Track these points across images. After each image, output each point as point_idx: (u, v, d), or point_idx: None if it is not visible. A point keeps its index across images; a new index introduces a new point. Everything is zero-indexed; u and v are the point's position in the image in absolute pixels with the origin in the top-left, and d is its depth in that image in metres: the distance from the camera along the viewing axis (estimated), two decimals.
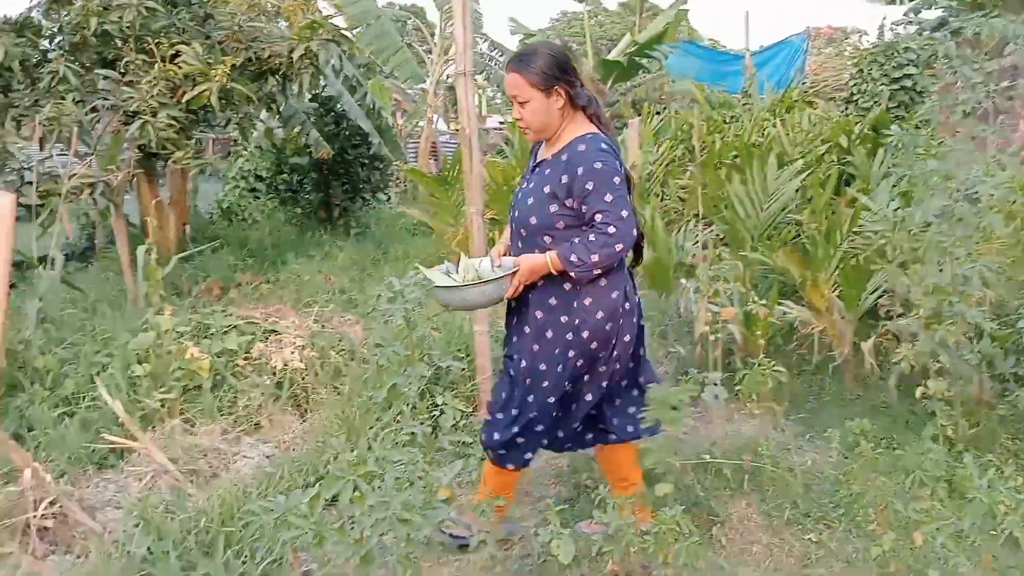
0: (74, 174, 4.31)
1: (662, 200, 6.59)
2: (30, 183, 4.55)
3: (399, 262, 7.57)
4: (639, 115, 8.67)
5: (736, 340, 4.09)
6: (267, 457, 3.51)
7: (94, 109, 4.85)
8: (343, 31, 5.80)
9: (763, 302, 3.98)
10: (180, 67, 4.81)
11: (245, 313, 4.59)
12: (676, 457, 2.32)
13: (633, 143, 7.29)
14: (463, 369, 3.98)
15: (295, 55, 5.21)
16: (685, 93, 11.90)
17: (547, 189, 2.50)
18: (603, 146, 2.48)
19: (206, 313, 4.47)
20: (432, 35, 15.45)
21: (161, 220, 6.91)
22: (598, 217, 2.39)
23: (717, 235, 4.95)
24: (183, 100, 4.87)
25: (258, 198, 9.99)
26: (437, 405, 3.28)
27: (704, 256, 4.83)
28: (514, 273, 2.49)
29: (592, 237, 2.38)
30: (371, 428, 3.54)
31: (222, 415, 3.76)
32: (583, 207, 2.42)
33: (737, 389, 3.36)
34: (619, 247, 2.37)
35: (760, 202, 5.22)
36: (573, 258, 2.39)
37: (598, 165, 2.41)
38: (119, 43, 4.98)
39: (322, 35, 5.36)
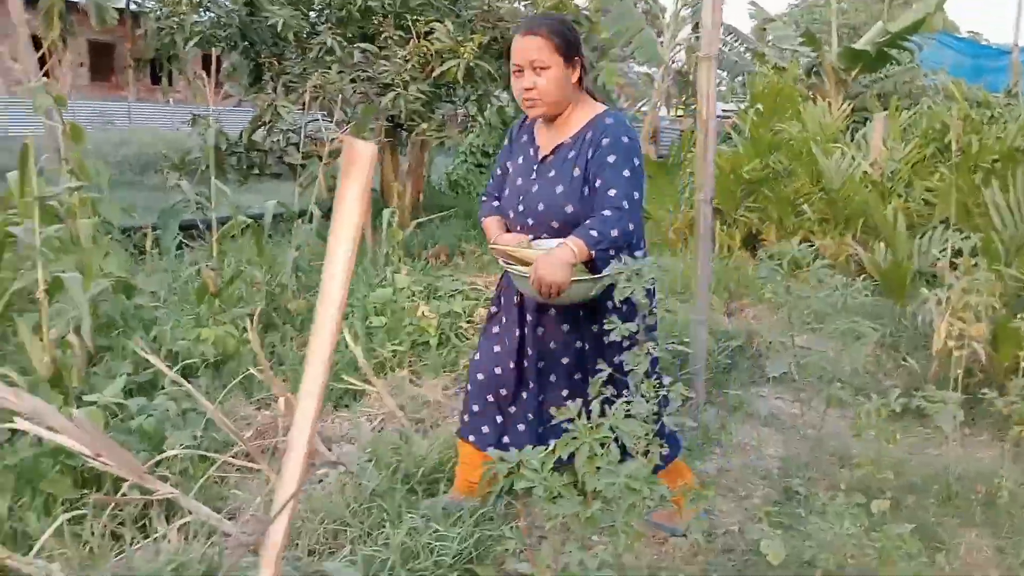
0: (334, 139, 4.74)
1: (905, 201, 6.12)
2: (295, 144, 5.05)
3: None
4: (885, 109, 8.08)
5: (980, 360, 3.75)
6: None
7: (353, 80, 5.29)
8: (584, 12, 5.89)
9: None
10: (432, 43, 5.12)
11: (470, 279, 4.86)
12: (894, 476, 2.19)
13: (876, 138, 6.83)
14: (674, 358, 3.97)
15: None
16: (939, 89, 10.92)
17: (576, 172, 2.31)
18: (629, 123, 2.36)
19: (436, 276, 4.78)
20: (662, 17, 15.24)
21: (401, 189, 7.44)
22: (612, 192, 2.20)
23: (972, 244, 4.52)
24: (432, 75, 5.19)
25: (483, 172, 10.44)
26: (663, 385, 3.27)
27: (949, 265, 4.45)
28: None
29: (607, 212, 2.18)
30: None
31: (444, 371, 4.01)
32: (596, 180, 2.24)
33: (973, 413, 3.09)
34: (631, 226, 2.19)
35: (1022, 213, 4.72)
36: (593, 232, 2.14)
37: (626, 140, 2.28)
38: (379, 19, 5.38)
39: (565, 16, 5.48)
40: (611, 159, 2.23)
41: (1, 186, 4.29)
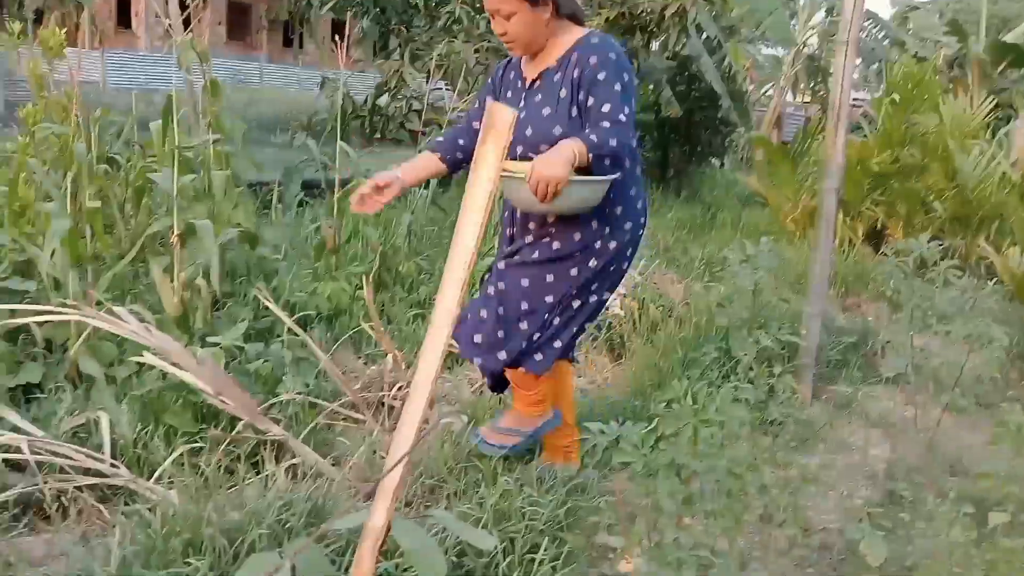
0: (455, 108, 4.81)
1: None
2: (417, 112, 5.14)
3: (726, 229, 7.45)
4: None
5: None
6: (581, 391, 3.72)
7: (476, 50, 5.33)
8: None
9: None
10: None
11: None
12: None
13: (1020, 138, 6.39)
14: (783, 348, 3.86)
15: (667, 12, 5.26)
16: None
17: (563, 93, 2.27)
18: (613, 41, 2.30)
19: None
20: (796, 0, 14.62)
21: None
22: (606, 107, 2.16)
23: None
24: None
25: None
26: (774, 375, 3.20)
27: None
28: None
29: (605, 124, 2.14)
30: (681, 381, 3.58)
31: None
32: (588, 99, 2.20)
33: None
34: (628, 139, 2.16)
35: None
36: (593, 138, 2.09)
37: (612, 56, 2.23)
38: None
39: None
40: (601, 76, 2.20)
41: (142, 135, 4.56)
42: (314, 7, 5.53)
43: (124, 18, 27.13)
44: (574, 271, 2.39)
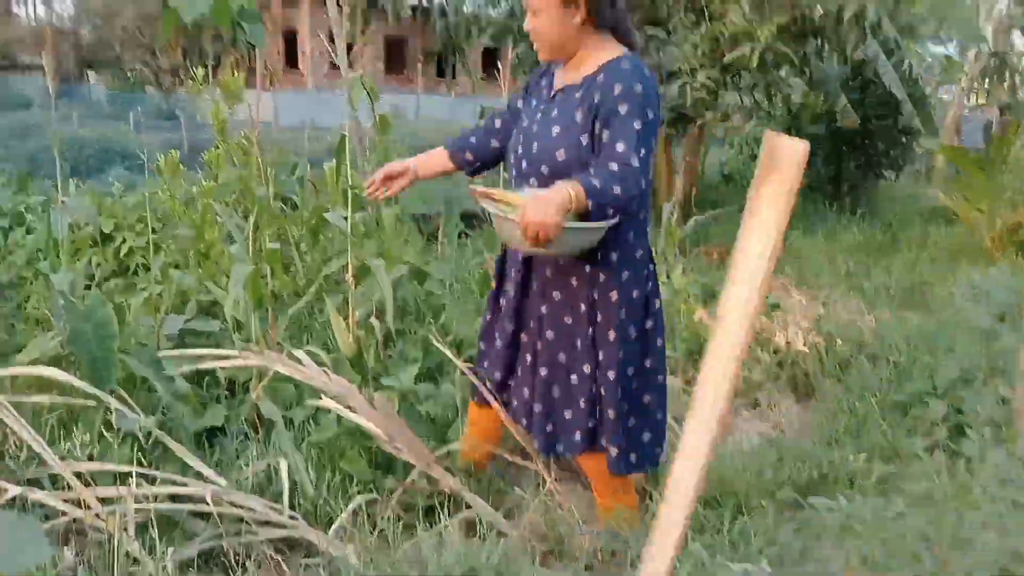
0: None
1: None
2: None
3: (910, 250, 6.82)
4: None
5: None
6: (760, 434, 3.42)
7: None
8: None
9: None
10: (727, 27, 4.83)
11: None
12: None
13: None
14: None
15: (845, 14, 4.87)
16: None
17: (578, 116, 2.06)
18: (648, 72, 2.06)
19: (715, 279, 4.51)
20: None
21: (671, 181, 7.21)
22: (620, 147, 1.94)
23: None
24: (722, 60, 4.90)
25: None
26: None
27: None
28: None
29: (614, 167, 1.92)
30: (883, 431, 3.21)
31: None
32: (603, 132, 1.99)
33: None
34: (638, 187, 1.92)
35: None
36: (595, 182, 1.87)
37: (639, 88, 1.99)
38: (670, 1, 5.18)
39: None
40: (622, 109, 1.98)
41: (315, 173, 4.67)
42: (472, 36, 5.53)
43: (291, 58, 28.94)
44: (590, 330, 2.22)
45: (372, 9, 25.00)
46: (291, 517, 2.27)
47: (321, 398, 2.51)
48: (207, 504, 2.12)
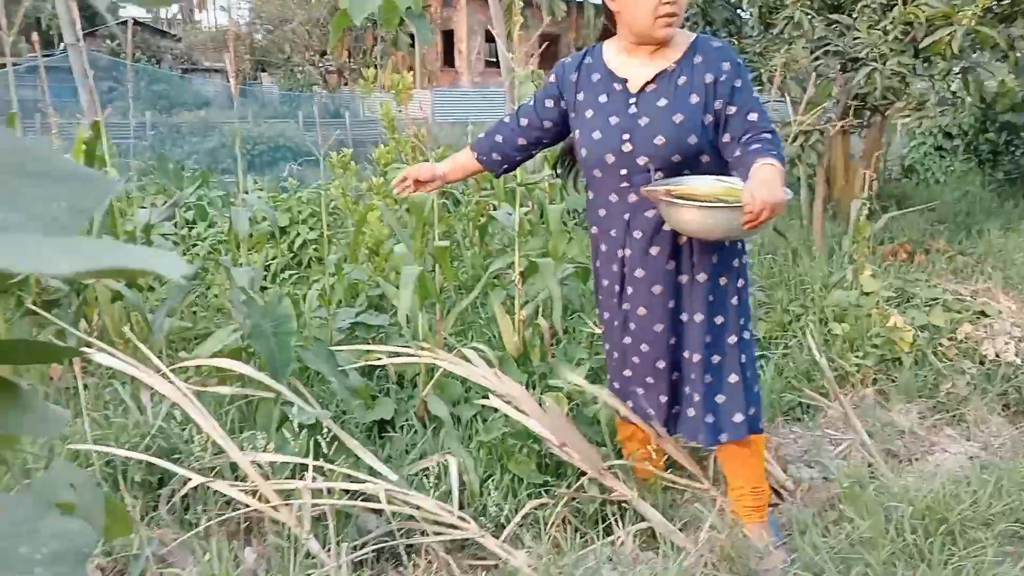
0: (798, 122, 4.32)
1: None
2: None
3: None
4: None
5: None
6: (970, 458, 3.05)
7: (816, 57, 4.78)
8: None
9: None
10: (921, 10, 4.39)
11: (952, 287, 4.10)
12: None
13: None
14: None
15: None
16: None
17: (695, 99, 2.06)
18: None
19: (909, 280, 4.12)
20: None
21: (848, 174, 6.70)
22: (753, 116, 2.03)
23: None
24: (917, 46, 4.46)
25: (943, 157, 9.05)
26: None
27: None
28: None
29: (767, 135, 2.00)
30: None
31: (920, 396, 3.40)
32: (728, 108, 2.04)
33: None
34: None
35: None
36: (775, 152, 1.95)
37: (739, 61, 2.10)
38: None
39: None
40: (738, 83, 2.06)
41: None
42: None
43: (448, 57, 29.67)
44: (734, 300, 2.20)
45: (528, 7, 25.17)
46: (461, 518, 2.20)
47: (488, 397, 2.44)
48: (380, 501, 2.09)
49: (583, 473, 2.39)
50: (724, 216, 1.89)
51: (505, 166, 2.46)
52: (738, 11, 5.61)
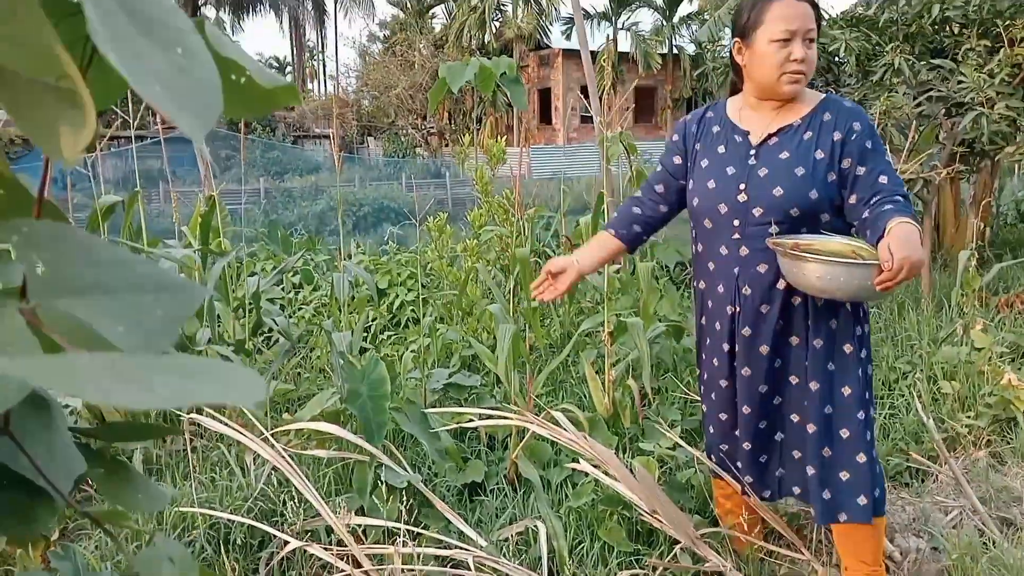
0: (901, 170, 4.19)
1: None
2: None
3: None
4: None
5: None
6: None
7: (919, 103, 4.65)
8: None
9: None
10: None
11: None
12: None
13: None
14: None
15: None
16: None
17: (819, 155, 2.01)
18: None
19: (1020, 332, 3.89)
20: None
21: (959, 223, 6.42)
22: (884, 179, 1.96)
23: None
24: None
25: None
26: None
27: None
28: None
29: (899, 197, 1.92)
30: None
31: None
32: (857, 168, 1.99)
33: None
34: None
35: None
36: (909, 212, 1.86)
37: (871, 123, 2.05)
38: (958, 29, 4.65)
39: None
40: (869, 144, 2.00)
41: (568, 225, 4.70)
42: (727, 80, 5.33)
43: (544, 114, 30.21)
44: (859, 371, 2.08)
45: (623, 62, 25.48)
46: None
47: (578, 460, 2.44)
48: (469, 568, 2.11)
49: (676, 542, 2.35)
50: (859, 273, 1.81)
51: (644, 237, 2.39)
52: (835, 58, 5.53)
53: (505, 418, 2.53)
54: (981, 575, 2.20)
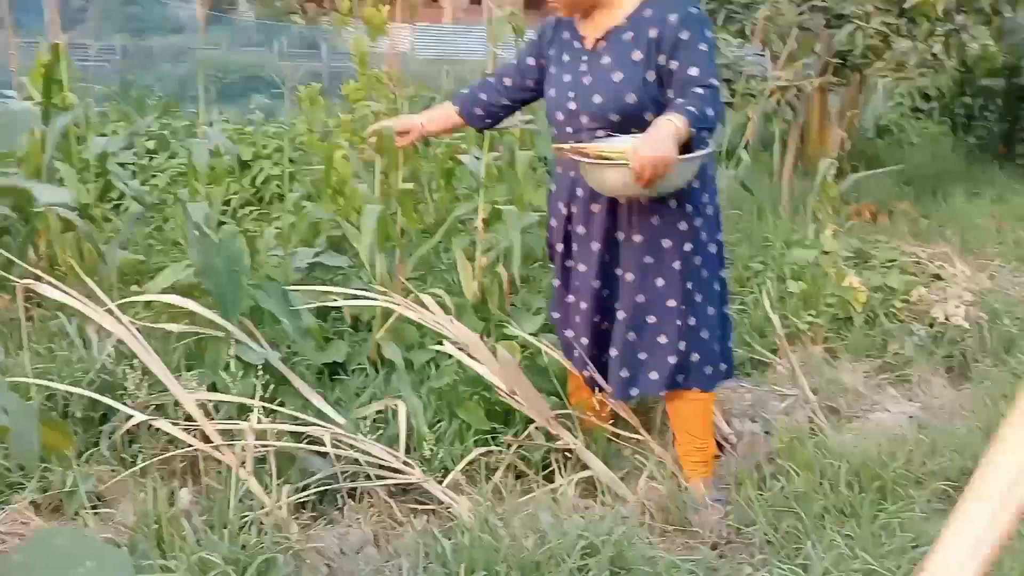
0: (776, 76, 4.29)
1: None
2: (728, 80, 4.68)
3: None
4: None
5: None
6: (910, 417, 3.13)
7: (802, 12, 4.73)
8: None
9: None
10: None
11: (909, 249, 4.15)
12: None
13: None
14: None
15: None
16: None
17: (636, 56, 2.02)
18: None
19: (869, 241, 4.16)
20: None
21: (823, 132, 6.69)
22: (693, 71, 1.94)
23: None
24: (904, 5, 4.42)
25: (919, 119, 9.07)
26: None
27: None
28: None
29: (699, 90, 1.92)
30: None
31: (867, 355, 3.46)
32: (670, 63, 1.98)
33: None
34: (721, 108, 1.97)
35: None
36: (691, 108, 1.86)
37: (694, 11, 2.00)
38: None
39: None
40: (684, 35, 1.97)
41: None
42: None
43: None
44: (676, 264, 2.15)
45: None
46: (406, 463, 2.23)
47: (443, 343, 2.45)
48: (325, 444, 2.11)
49: (531, 422, 2.43)
50: (614, 174, 1.91)
51: (488, 121, 2.49)
52: None
53: (372, 299, 2.49)
54: (805, 457, 2.39)
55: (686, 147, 1.91)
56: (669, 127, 1.84)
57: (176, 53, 13.53)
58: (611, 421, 2.52)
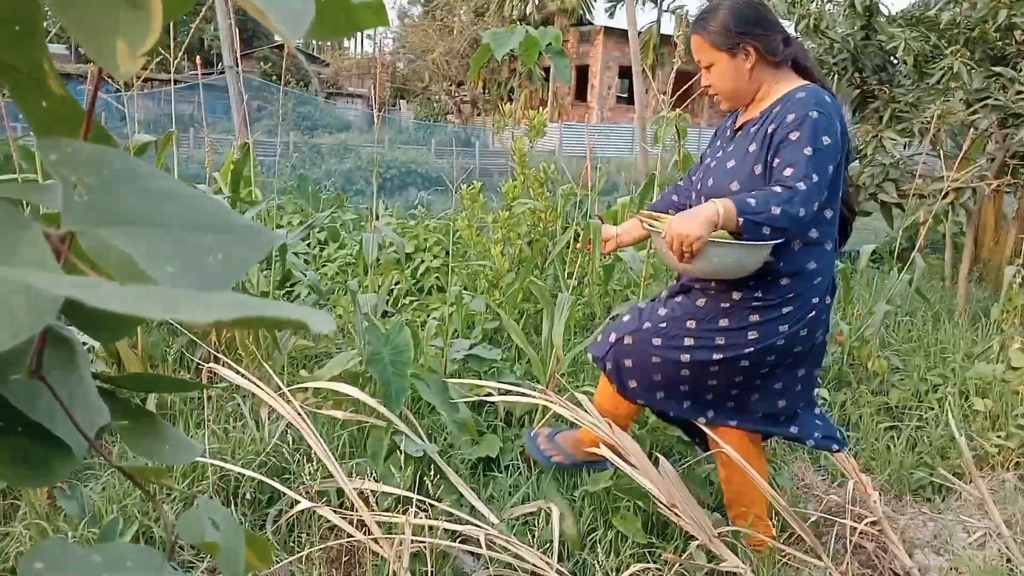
0: (951, 177, 4.06)
1: None
2: (894, 180, 4.48)
3: None
4: None
5: None
6: None
7: (974, 111, 4.50)
8: None
9: None
10: None
11: None
12: None
13: None
14: None
15: None
16: None
17: (752, 148, 2.06)
18: (827, 98, 2.00)
19: None
20: None
21: (999, 236, 6.26)
22: (788, 171, 1.91)
23: None
24: None
25: None
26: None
27: None
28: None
29: (777, 188, 1.90)
30: None
31: None
32: (774, 160, 1.97)
33: None
34: (801, 212, 1.85)
35: None
36: (750, 200, 1.86)
37: (814, 114, 1.95)
38: (1021, 37, 4.48)
39: None
40: (793, 136, 1.95)
41: (599, 205, 4.61)
42: None
43: (580, 92, 29.89)
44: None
45: (664, 45, 25.14)
46: (559, 572, 2.14)
47: (599, 446, 2.38)
48: (480, 544, 2.06)
49: (691, 537, 2.29)
50: (657, 241, 2.02)
51: None
52: (891, 58, 5.37)
53: (527, 395, 2.47)
54: None
55: (740, 237, 1.91)
56: (710, 208, 1.88)
57: (343, 150, 14.53)
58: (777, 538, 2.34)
